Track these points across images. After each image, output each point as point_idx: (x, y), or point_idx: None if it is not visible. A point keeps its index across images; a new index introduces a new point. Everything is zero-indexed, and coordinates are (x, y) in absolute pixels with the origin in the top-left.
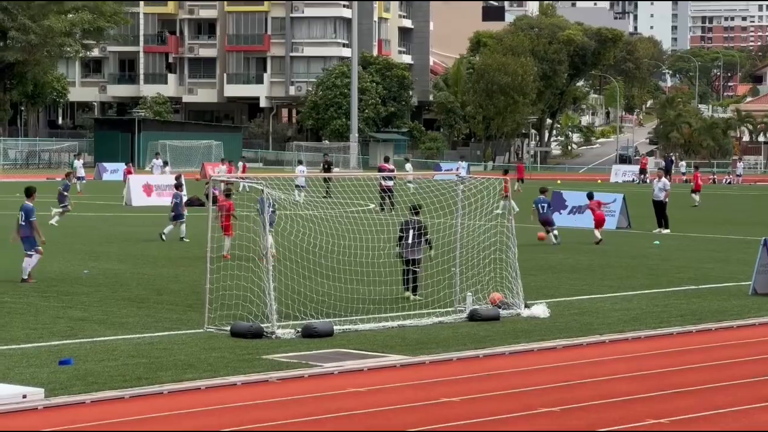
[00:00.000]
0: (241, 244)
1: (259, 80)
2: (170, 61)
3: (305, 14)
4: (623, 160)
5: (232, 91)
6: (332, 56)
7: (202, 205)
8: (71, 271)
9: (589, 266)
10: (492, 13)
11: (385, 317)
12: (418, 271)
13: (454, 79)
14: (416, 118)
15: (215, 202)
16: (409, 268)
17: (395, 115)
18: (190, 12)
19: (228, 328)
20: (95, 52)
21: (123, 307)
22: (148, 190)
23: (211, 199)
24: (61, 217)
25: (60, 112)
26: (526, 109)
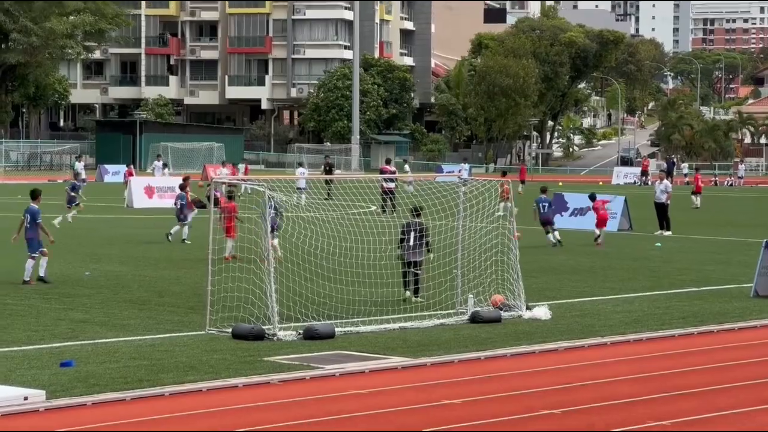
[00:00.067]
0: (243, 246)
1: (261, 82)
2: (172, 63)
3: (307, 16)
4: (625, 162)
5: (234, 93)
6: (334, 58)
7: (204, 207)
8: (73, 273)
9: (591, 268)
10: (493, 15)
11: (386, 319)
12: (420, 273)
13: (456, 81)
14: (418, 120)
15: (217, 204)
16: (410, 270)
17: (397, 117)
18: (192, 14)
19: (229, 330)
20: (97, 54)
21: (124, 309)
22: (149, 192)
23: (213, 201)
24: (76, 213)
25: (61, 114)
26: (527, 111)
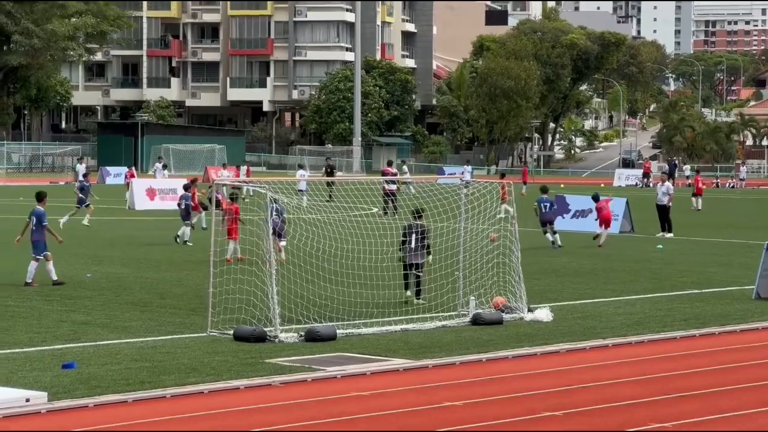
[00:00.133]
0: (245, 249)
1: (263, 84)
2: (173, 65)
3: (308, 18)
4: (626, 164)
5: (236, 95)
6: (335, 60)
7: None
8: (74, 274)
9: (593, 270)
10: (495, 17)
11: (388, 321)
12: (422, 275)
13: (458, 83)
14: (419, 122)
15: (218, 206)
16: (411, 272)
17: (398, 119)
18: (194, 16)
19: (231, 332)
20: (98, 56)
21: (126, 311)
22: (151, 193)
23: (214, 202)
24: (89, 216)
25: (63, 116)
26: (529, 113)
